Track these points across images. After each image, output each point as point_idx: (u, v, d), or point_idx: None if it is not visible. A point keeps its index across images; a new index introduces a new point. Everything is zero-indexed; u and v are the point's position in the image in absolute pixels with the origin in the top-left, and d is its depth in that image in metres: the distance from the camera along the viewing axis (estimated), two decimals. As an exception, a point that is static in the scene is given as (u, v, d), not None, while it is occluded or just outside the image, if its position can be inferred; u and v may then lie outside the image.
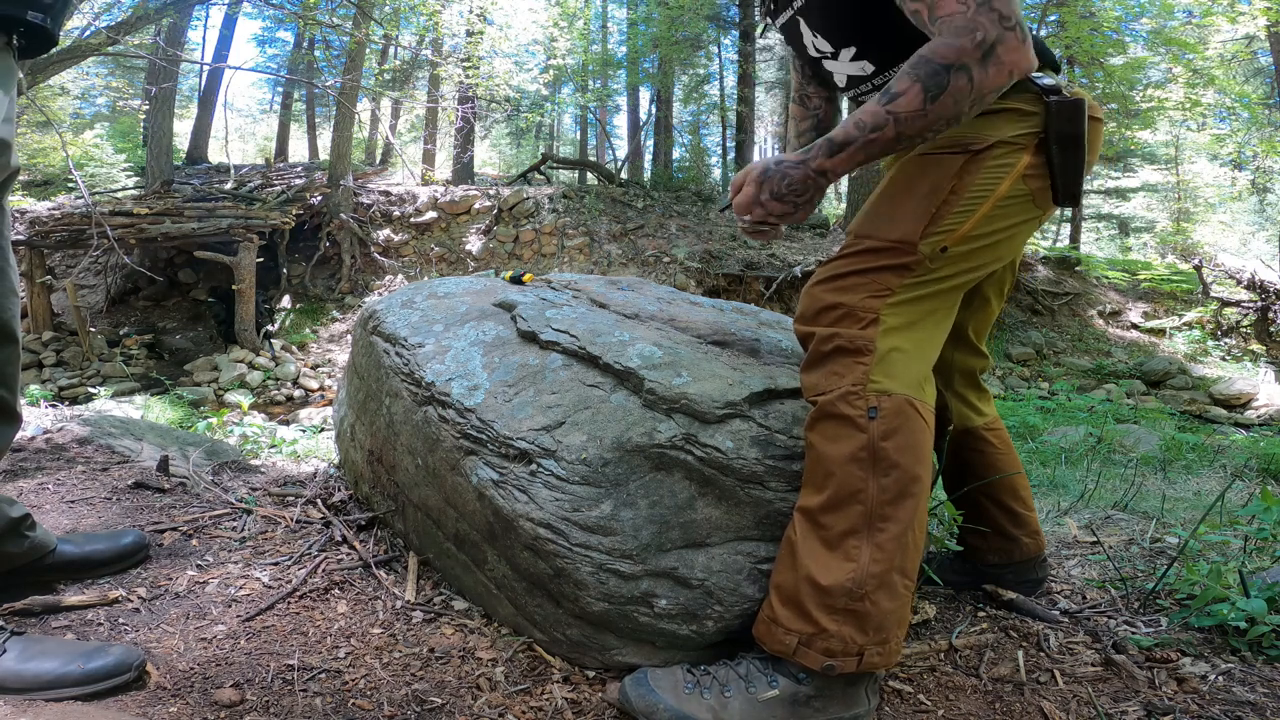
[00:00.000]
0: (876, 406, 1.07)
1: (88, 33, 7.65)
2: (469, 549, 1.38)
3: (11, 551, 1.28)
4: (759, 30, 1.54)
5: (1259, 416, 7.46)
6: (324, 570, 1.49)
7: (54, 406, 2.95)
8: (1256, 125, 9.93)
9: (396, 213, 11.20)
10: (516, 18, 12.65)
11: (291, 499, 1.84)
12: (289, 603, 1.38)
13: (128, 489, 1.80)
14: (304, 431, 4.06)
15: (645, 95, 18.12)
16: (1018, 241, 1.22)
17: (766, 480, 1.20)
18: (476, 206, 11.11)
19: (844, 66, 1.26)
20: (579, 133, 21.79)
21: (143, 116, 12.88)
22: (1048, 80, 1.13)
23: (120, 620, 1.28)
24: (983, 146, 1.11)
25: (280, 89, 19.36)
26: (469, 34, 11.49)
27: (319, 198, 10.72)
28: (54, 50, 1.32)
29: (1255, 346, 9.46)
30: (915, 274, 1.13)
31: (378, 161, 15.25)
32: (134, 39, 8.33)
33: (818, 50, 1.27)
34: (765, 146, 24.43)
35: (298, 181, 11.51)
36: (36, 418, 2.39)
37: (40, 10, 1.13)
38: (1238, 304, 9.79)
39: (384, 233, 11.00)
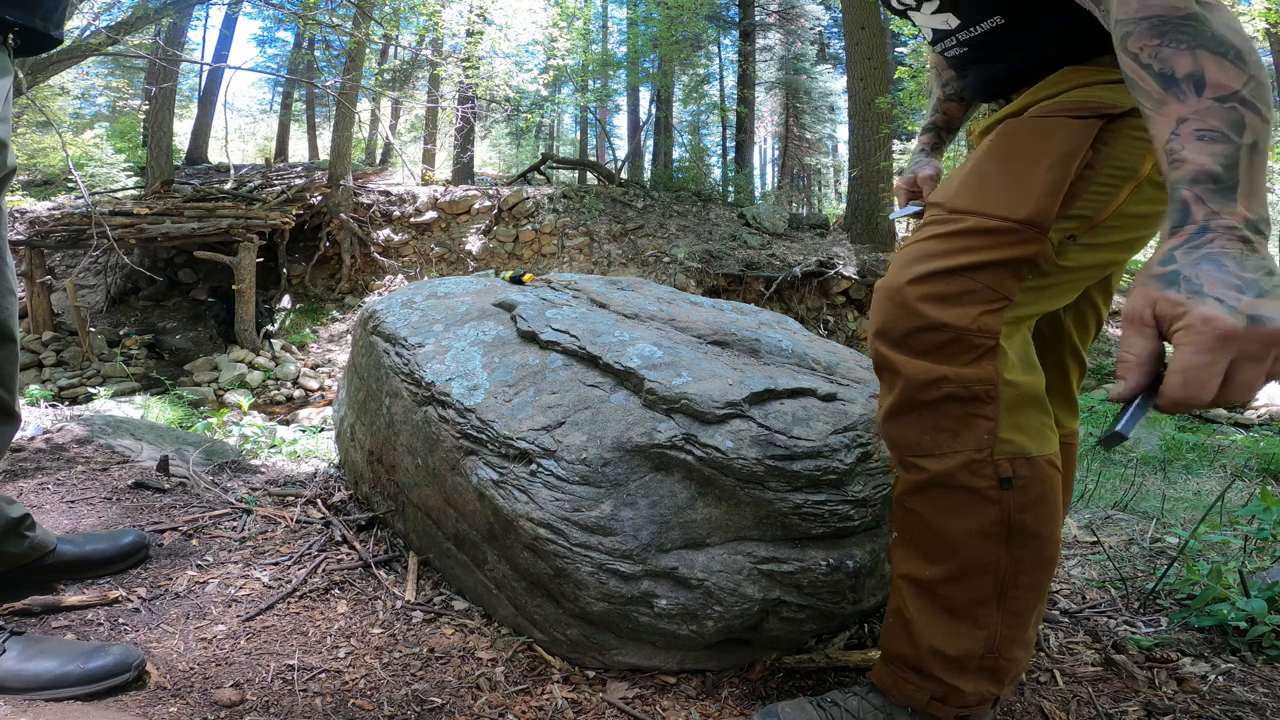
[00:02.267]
0: (1012, 476, 0.87)
1: (88, 33, 7.64)
2: (469, 549, 1.38)
3: (11, 551, 1.28)
4: None
5: (1259, 416, 7.46)
6: (324, 570, 1.49)
7: (54, 406, 2.95)
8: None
9: (396, 213, 11.19)
10: (516, 18, 12.65)
11: (291, 499, 1.84)
12: (289, 603, 1.38)
13: (128, 489, 1.80)
14: (304, 431, 4.05)
15: (645, 95, 18.15)
16: (1148, 240, 0.98)
17: (766, 480, 1.20)
18: (476, 206, 11.10)
19: (927, 20, 1.08)
20: (579, 133, 21.79)
21: (143, 116, 12.87)
22: None
23: (120, 620, 1.28)
24: (1120, 112, 0.87)
25: (280, 89, 19.37)
26: (469, 34, 11.48)
27: (319, 198, 10.71)
28: (54, 50, 1.32)
29: (1255, 346, 9.46)
30: (1041, 272, 0.87)
31: (378, 161, 15.24)
32: (134, 39, 8.32)
33: (899, 1, 1.10)
34: (765, 146, 24.45)
35: (298, 181, 11.50)
36: (36, 418, 2.39)
37: (28, 10, 1.12)
38: (1238, 304, 9.78)
39: (384, 233, 10.99)
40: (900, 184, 1.33)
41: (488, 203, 11.10)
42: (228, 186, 11.28)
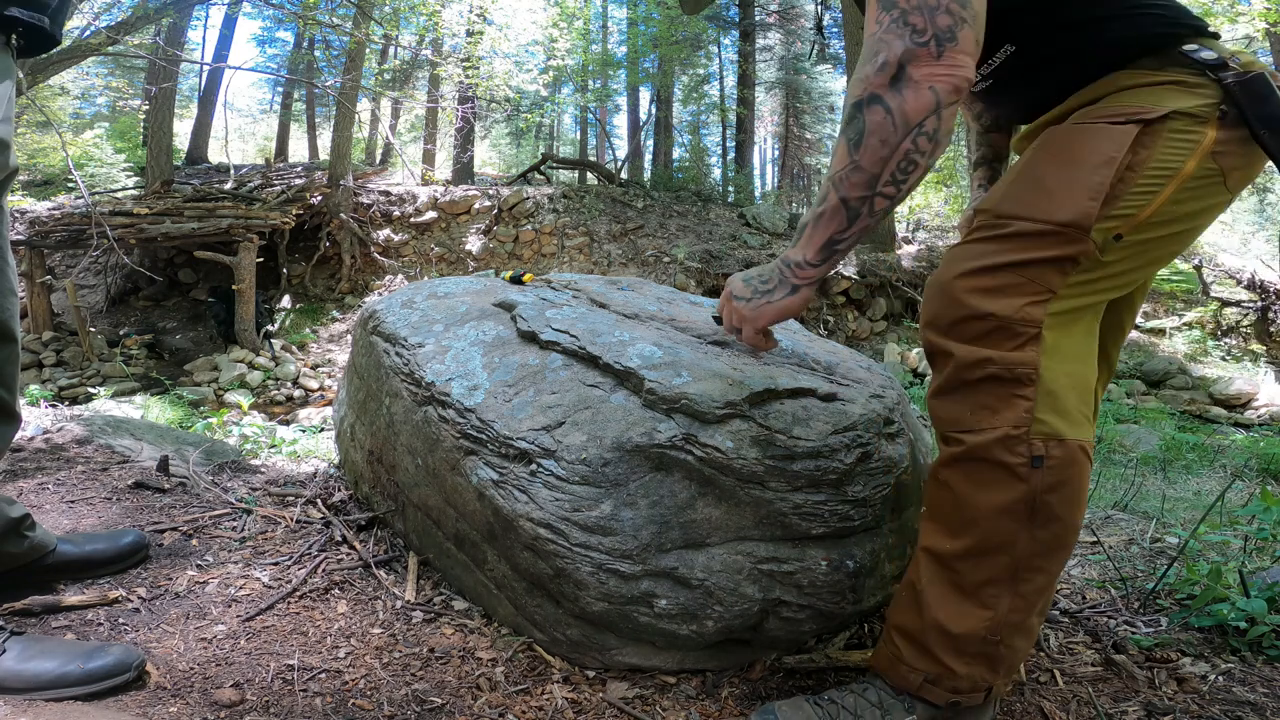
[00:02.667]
0: (1044, 455, 0.91)
1: (88, 33, 7.64)
2: (469, 549, 1.38)
3: (11, 551, 1.28)
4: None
5: (1259, 416, 7.45)
6: (324, 570, 1.49)
7: (54, 406, 2.95)
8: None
9: (396, 213, 11.19)
10: (516, 18, 12.65)
11: (291, 499, 1.84)
12: (289, 603, 1.38)
13: (128, 489, 1.80)
14: (304, 431, 4.05)
15: (645, 95, 18.14)
16: (1201, 231, 1.02)
17: (766, 480, 1.20)
18: (476, 206, 11.10)
19: None
20: (579, 133, 21.78)
21: (143, 116, 12.87)
22: (1208, 53, 0.93)
23: (120, 620, 1.28)
24: (1157, 116, 0.92)
25: (280, 89, 19.36)
26: (469, 34, 11.48)
27: (319, 198, 10.71)
28: (54, 50, 1.32)
29: (1255, 346, 9.46)
30: (1083, 269, 0.92)
31: (378, 161, 15.24)
32: (134, 39, 8.32)
33: None
34: (765, 146, 24.45)
35: (298, 181, 11.49)
36: (36, 418, 2.39)
37: (38, 10, 1.13)
38: (1238, 304, 9.79)
39: (384, 233, 10.99)
40: (961, 222, 1.38)
41: (488, 203, 11.10)
42: (228, 186, 11.28)
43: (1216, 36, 0.99)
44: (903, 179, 0.88)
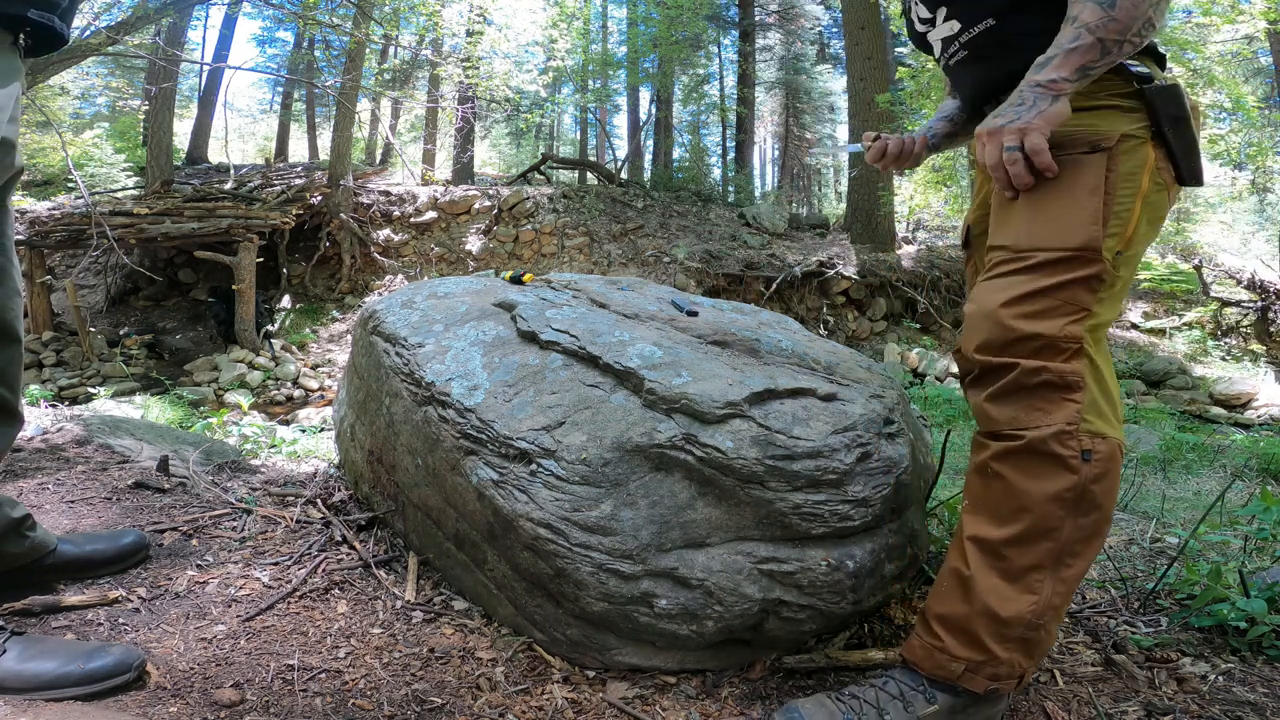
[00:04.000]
0: (1091, 450, 1.02)
1: (88, 33, 7.63)
2: (469, 549, 1.38)
3: (12, 552, 1.28)
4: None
5: (1259, 416, 7.45)
6: (324, 570, 1.49)
7: (54, 406, 2.95)
8: (1254, 126, 9.91)
9: (396, 213, 11.18)
10: (516, 18, 12.65)
11: (291, 499, 1.84)
12: (289, 603, 1.38)
13: (128, 489, 1.80)
14: (304, 431, 4.05)
15: (645, 95, 18.13)
16: (1156, 234, 1.15)
17: (766, 480, 1.20)
18: (476, 206, 11.10)
19: (940, 32, 1.25)
20: (579, 133, 21.75)
21: (143, 116, 12.86)
22: (1142, 68, 1.08)
23: (120, 620, 1.28)
24: (1113, 142, 1.05)
25: (280, 89, 19.34)
26: (469, 34, 11.48)
27: (319, 198, 10.70)
28: (59, 49, 1.32)
29: (1255, 346, 9.46)
30: (1106, 285, 1.04)
31: (378, 161, 15.23)
32: (134, 39, 8.31)
33: (921, 21, 1.28)
34: (765, 146, 24.44)
35: (298, 181, 11.48)
36: (36, 418, 2.39)
37: (47, 9, 1.12)
38: (1238, 304, 9.80)
39: (384, 233, 10.99)
40: (885, 135, 1.45)
41: (488, 203, 11.09)
42: (228, 186, 11.27)
43: (1162, 62, 1.13)
44: (1146, 33, 1.03)
